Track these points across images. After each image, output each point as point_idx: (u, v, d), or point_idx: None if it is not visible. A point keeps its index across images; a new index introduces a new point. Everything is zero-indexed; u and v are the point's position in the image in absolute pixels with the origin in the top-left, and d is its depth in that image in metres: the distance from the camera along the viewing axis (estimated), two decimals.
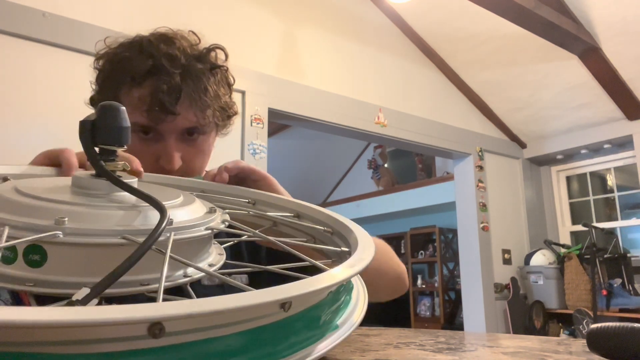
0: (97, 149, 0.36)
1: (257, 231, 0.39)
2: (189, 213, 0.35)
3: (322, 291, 0.24)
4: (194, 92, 0.73)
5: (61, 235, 0.28)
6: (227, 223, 0.38)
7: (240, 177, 0.62)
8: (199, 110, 0.74)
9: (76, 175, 0.37)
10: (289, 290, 0.22)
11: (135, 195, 0.35)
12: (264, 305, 0.21)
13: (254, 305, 0.20)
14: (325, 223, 0.43)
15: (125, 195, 0.35)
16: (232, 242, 0.42)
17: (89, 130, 0.35)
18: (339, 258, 0.39)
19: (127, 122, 0.36)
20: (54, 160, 0.52)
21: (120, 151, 0.37)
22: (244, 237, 0.40)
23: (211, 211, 0.37)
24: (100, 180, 0.36)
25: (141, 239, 0.29)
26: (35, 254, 0.28)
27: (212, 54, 0.79)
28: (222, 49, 0.81)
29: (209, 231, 0.35)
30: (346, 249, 0.38)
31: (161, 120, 0.72)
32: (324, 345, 0.26)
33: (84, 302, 0.23)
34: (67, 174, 0.50)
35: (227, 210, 0.42)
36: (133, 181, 0.37)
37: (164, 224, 0.29)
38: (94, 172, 0.37)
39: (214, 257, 0.36)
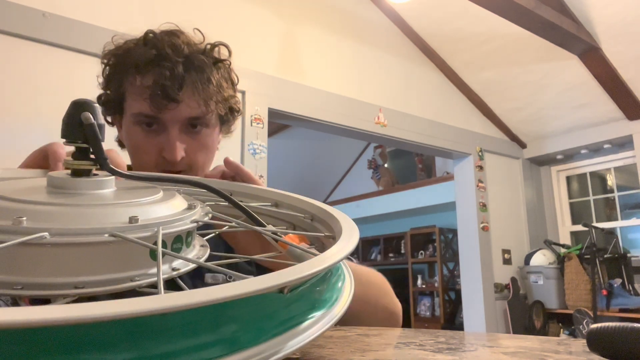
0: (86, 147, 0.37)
1: (239, 221, 0.40)
2: (170, 208, 0.35)
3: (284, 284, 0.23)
4: (197, 81, 0.74)
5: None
6: (210, 215, 0.38)
7: (230, 175, 0.62)
8: (202, 99, 0.74)
9: (51, 174, 0.36)
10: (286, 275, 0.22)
11: (159, 181, 0.37)
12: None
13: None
14: (324, 221, 0.43)
15: (104, 193, 0.36)
16: (213, 234, 0.42)
17: (97, 130, 0.36)
18: (321, 243, 0.41)
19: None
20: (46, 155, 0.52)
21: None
22: (224, 228, 0.41)
23: (191, 207, 0.37)
24: (78, 179, 0.36)
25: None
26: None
27: (216, 49, 0.80)
28: (226, 46, 0.81)
29: (194, 224, 0.35)
30: (330, 234, 0.40)
31: (164, 107, 0.72)
32: (294, 342, 0.24)
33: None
34: (54, 166, 0.50)
35: (206, 203, 0.42)
36: (110, 179, 0.37)
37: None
38: (69, 171, 0.37)
39: (198, 250, 0.37)
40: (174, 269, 0.33)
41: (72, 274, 0.28)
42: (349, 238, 0.34)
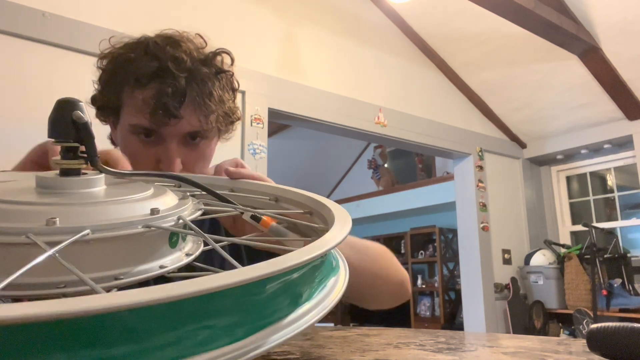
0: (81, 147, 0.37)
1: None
2: (169, 200, 0.36)
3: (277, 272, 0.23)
4: (199, 96, 0.72)
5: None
6: (202, 210, 0.38)
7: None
8: (203, 115, 0.73)
9: (39, 175, 0.36)
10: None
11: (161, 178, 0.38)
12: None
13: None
14: (307, 206, 0.44)
15: (93, 191, 0.36)
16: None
17: (90, 129, 0.36)
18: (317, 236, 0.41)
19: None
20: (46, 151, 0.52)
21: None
22: (197, 213, 0.41)
23: (184, 198, 0.38)
24: (71, 178, 0.36)
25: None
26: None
27: (218, 58, 0.77)
28: (228, 53, 0.79)
29: (199, 211, 0.36)
30: (306, 210, 0.41)
31: (164, 124, 0.71)
32: (278, 336, 0.23)
33: None
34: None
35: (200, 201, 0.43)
36: (101, 177, 0.38)
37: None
38: (57, 171, 0.37)
39: (191, 246, 0.37)
40: (187, 254, 0.34)
41: (110, 268, 0.30)
42: (343, 221, 0.34)
